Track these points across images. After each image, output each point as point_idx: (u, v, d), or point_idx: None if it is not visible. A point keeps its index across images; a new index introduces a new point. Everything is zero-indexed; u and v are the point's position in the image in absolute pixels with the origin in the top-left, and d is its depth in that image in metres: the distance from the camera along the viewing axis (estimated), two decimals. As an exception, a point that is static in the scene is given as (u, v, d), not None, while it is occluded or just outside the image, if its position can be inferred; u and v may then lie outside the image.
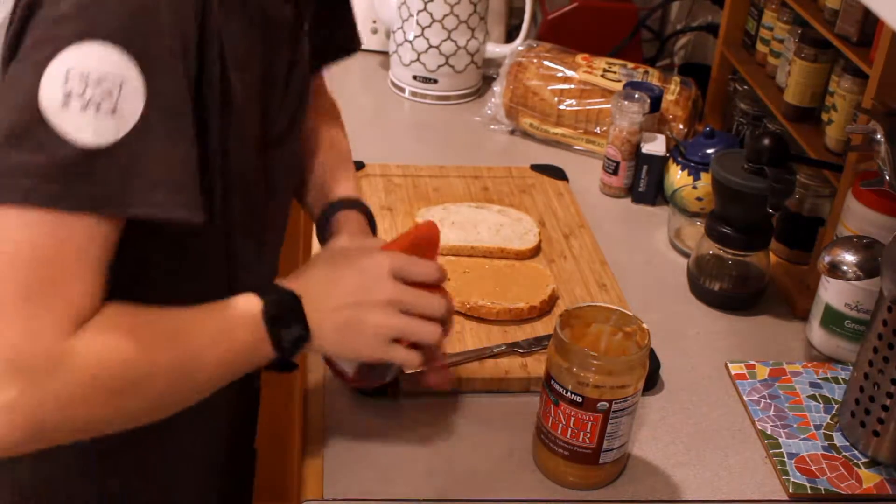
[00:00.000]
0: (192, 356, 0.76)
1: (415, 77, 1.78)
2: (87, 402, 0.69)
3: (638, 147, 1.50)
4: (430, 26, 1.73)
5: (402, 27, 1.77)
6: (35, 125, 0.66)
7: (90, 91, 0.66)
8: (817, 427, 1.09)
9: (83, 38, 0.66)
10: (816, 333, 1.20)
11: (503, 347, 1.13)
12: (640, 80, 1.61)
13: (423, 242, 0.90)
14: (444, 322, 0.90)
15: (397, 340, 0.86)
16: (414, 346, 0.88)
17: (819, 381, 1.16)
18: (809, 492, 1.01)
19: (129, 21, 0.68)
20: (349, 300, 0.84)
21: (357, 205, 1.03)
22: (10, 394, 0.65)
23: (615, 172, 1.51)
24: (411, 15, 1.74)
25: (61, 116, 0.66)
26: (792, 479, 1.02)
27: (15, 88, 0.67)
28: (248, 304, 0.80)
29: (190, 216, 0.72)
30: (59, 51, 0.66)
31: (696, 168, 1.43)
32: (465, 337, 1.15)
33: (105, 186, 0.68)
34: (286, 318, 0.81)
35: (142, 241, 0.76)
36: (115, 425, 0.74)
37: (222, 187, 0.81)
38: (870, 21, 1.20)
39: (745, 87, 1.58)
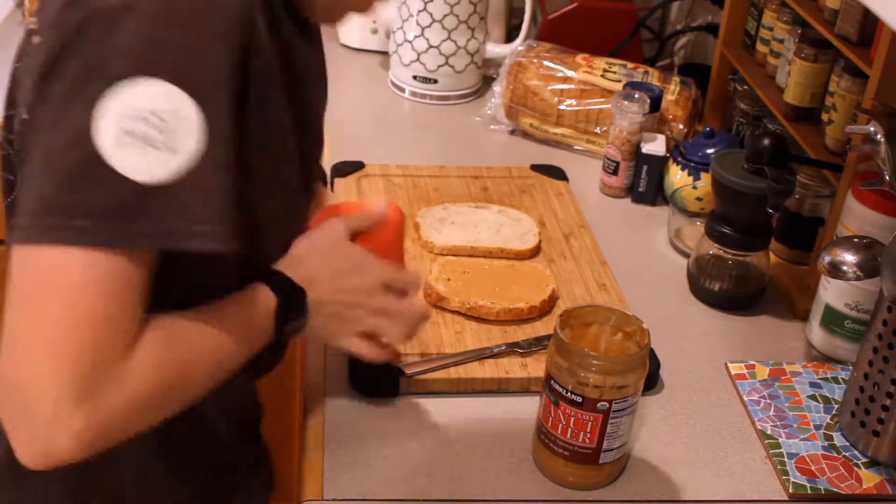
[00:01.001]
0: (222, 354, 0.81)
1: (415, 77, 1.78)
2: (143, 413, 0.74)
3: (638, 147, 1.50)
4: (430, 26, 1.73)
5: (402, 27, 1.77)
6: (92, 164, 0.67)
7: (145, 128, 0.67)
8: (817, 427, 1.09)
9: (137, 74, 0.67)
10: (816, 333, 1.20)
11: (503, 347, 1.13)
12: (640, 80, 1.61)
13: (401, 228, 0.99)
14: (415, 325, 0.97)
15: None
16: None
17: (819, 381, 1.16)
18: (809, 492, 1.01)
19: (182, 56, 0.69)
20: (345, 299, 0.91)
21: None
22: (78, 422, 0.69)
23: (615, 172, 1.51)
24: (411, 15, 1.74)
25: (118, 155, 0.67)
26: (792, 479, 1.02)
27: (66, 124, 0.67)
28: (265, 299, 0.85)
29: (232, 248, 0.74)
30: (109, 87, 0.67)
31: (696, 168, 1.43)
32: (465, 337, 1.15)
33: (162, 223, 0.69)
34: (294, 311, 0.87)
35: (168, 260, 0.78)
36: (162, 420, 0.78)
37: (260, 223, 0.83)
38: (870, 21, 1.20)
39: (745, 87, 1.58)
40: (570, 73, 1.64)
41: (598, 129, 1.61)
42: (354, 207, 0.99)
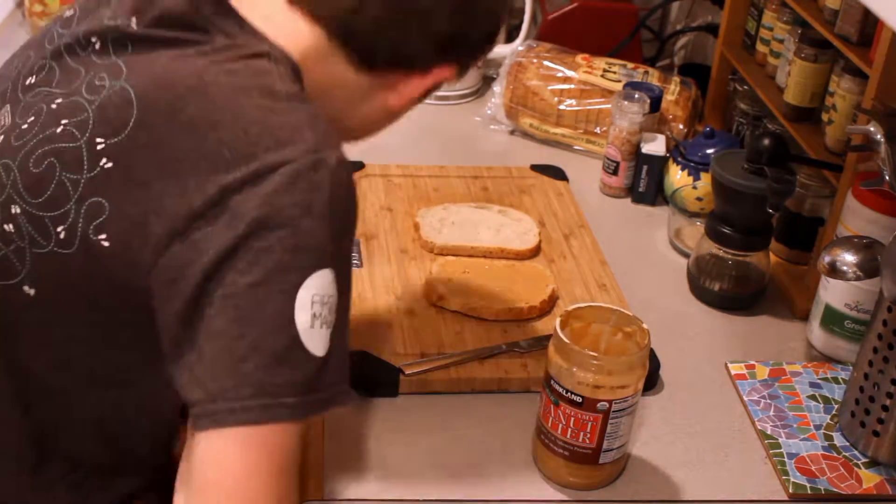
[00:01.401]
0: None
1: (415, 77, 1.78)
2: None
3: (638, 147, 1.50)
4: (430, 26, 1.73)
5: (402, 27, 1.76)
6: (292, 347, 0.75)
7: (324, 311, 0.76)
8: (817, 427, 1.09)
9: (318, 266, 0.76)
10: (816, 333, 1.20)
11: (503, 347, 1.13)
12: (640, 80, 1.61)
13: None
14: None
15: None
16: None
17: (819, 381, 1.16)
18: (809, 492, 1.01)
19: (341, 244, 0.79)
20: None
21: None
22: None
23: (615, 172, 1.51)
24: (411, 15, 1.74)
25: (309, 336, 0.75)
26: (792, 480, 1.02)
27: (267, 311, 0.75)
28: None
29: None
30: (305, 279, 0.75)
31: (696, 168, 1.43)
32: (465, 337, 1.15)
33: (329, 390, 0.78)
34: None
35: None
36: None
37: None
38: (870, 21, 1.20)
39: (745, 87, 1.58)
40: (570, 73, 1.64)
41: (598, 129, 1.61)
42: None
